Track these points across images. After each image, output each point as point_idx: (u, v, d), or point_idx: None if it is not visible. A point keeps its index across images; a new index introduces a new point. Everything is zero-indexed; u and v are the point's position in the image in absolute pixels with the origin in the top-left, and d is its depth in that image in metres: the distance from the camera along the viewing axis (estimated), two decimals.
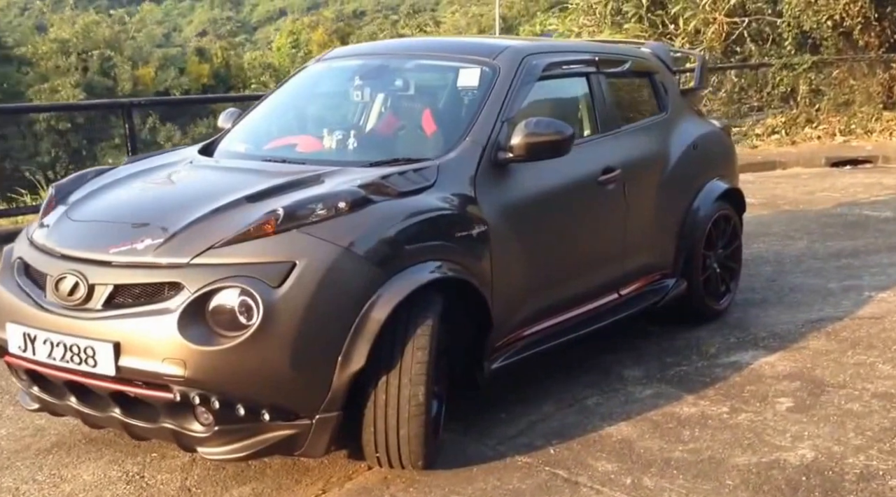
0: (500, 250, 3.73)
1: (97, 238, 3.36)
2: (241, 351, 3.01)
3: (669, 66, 5.27)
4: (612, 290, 4.50)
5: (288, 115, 4.55)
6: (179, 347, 3.01)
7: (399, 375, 3.24)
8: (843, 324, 5.15)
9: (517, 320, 3.91)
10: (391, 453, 3.33)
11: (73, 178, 4.01)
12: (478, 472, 3.47)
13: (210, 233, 3.20)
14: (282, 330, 3.03)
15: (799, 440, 3.70)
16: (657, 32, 14.39)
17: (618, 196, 4.40)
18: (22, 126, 34.40)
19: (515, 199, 3.88)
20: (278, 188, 3.46)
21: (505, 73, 4.08)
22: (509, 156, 3.82)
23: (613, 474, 3.45)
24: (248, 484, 3.43)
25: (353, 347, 3.14)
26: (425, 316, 3.32)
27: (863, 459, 3.53)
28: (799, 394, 4.17)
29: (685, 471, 3.47)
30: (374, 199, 3.35)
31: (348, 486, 3.40)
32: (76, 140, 34.05)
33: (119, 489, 3.40)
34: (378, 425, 3.28)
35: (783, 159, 12.22)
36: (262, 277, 3.06)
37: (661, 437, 3.75)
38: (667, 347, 4.81)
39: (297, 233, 3.17)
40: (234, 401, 3.07)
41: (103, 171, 4.06)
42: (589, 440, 3.74)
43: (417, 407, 3.25)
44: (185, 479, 3.46)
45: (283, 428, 3.16)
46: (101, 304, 3.17)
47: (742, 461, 3.54)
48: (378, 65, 4.60)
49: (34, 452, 3.73)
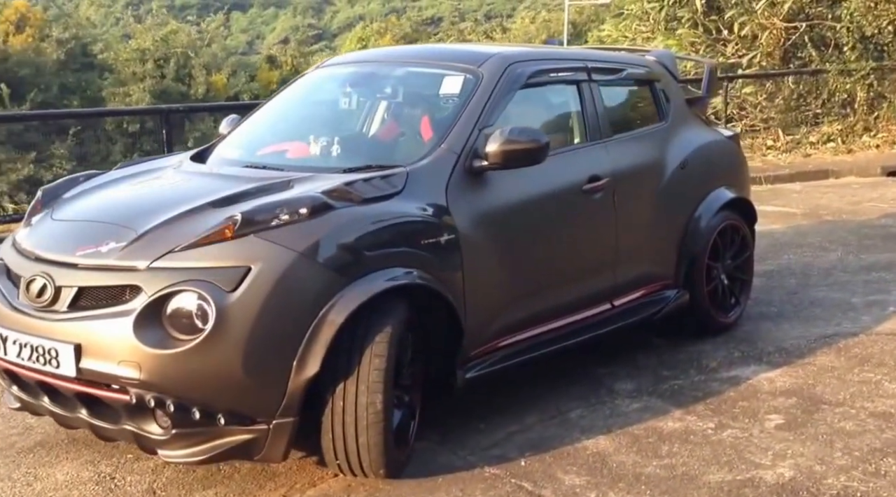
0: (473, 258, 3.69)
1: (67, 241, 3.43)
2: (195, 355, 3.03)
3: (674, 74, 5.17)
4: (603, 301, 4.42)
5: (283, 122, 4.57)
6: (135, 350, 3.04)
7: (356, 382, 3.23)
8: (857, 340, 4.98)
9: (494, 330, 3.86)
10: (351, 461, 3.31)
11: (61, 182, 4.10)
12: (442, 483, 3.44)
13: (171, 237, 3.23)
14: (235, 334, 3.04)
15: (780, 458, 3.59)
16: (711, 38, 14.13)
17: (606, 205, 4.32)
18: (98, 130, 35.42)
19: (491, 208, 3.83)
20: (244, 194, 3.48)
21: (487, 81, 4.04)
22: (484, 164, 3.78)
23: (579, 488, 3.38)
24: (214, 488, 3.45)
25: (308, 353, 3.13)
26: (384, 323, 3.30)
27: (843, 480, 3.40)
28: (792, 411, 4.04)
29: (654, 486, 3.38)
30: (336, 206, 3.34)
31: (310, 492, 3.40)
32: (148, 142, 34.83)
33: (88, 490, 3.45)
34: (336, 432, 3.27)
35: (836, 168, 11.89)
36: (217, 282, 3.08)
37: (638, 452, 3.67)
38: (666, 360, 4.70)
39: (254, 238, 3.18)
40: (190, 404, 3.09)
41: (93, 175, 4.14)
42: (563, 453, 3.67)
43: (375, 415, 3.23)
44: (154, 482, 3.49)
45: (241, 432, 3.17)
46: (67, 305, 3.22)
47: (716, 478, 3.44)
48: (368, 72, 4.61)
49: (17, 451, 3.81)
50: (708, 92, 5.47)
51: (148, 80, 37.64)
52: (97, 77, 33.46)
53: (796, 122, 14.18)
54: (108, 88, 29.11)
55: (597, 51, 5.41)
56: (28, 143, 23.75)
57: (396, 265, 3.42)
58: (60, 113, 15.57)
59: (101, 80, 32.53)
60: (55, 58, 26.00)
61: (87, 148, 35.50)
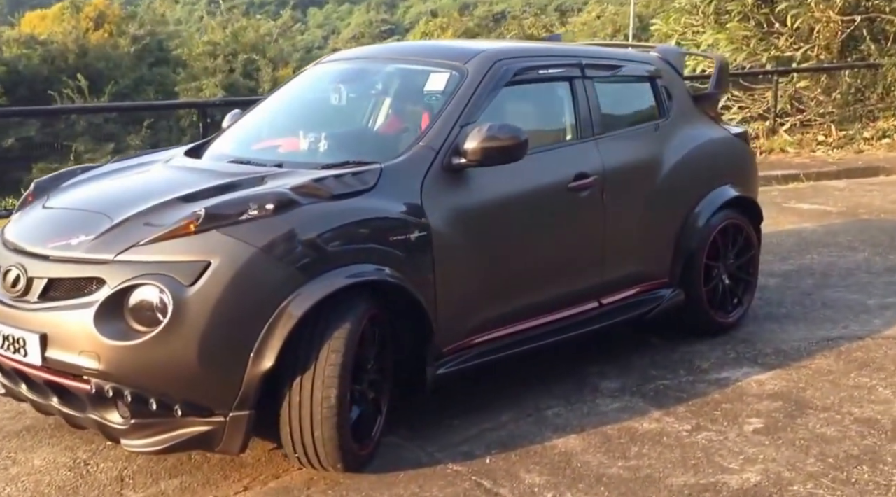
0: (446, 256, 3.69)
1: (42, 233, 3.52)
2: (152, 346, 3.09)
3: (679, 70, 5.08)
4: (590, 299, 4.38)
5: (279, 117, 4.61)
6: (94, 341, 3.12)
7: (313, 377, 3.26)
8: (861, 343, 4.85)
9: (469, 326, 3.86)
10: (309, 454, 3.35)
11: (53, 175, 4.21)
12: (403, 478, 3.45)
13: (137, 231, 3.30)
14: (192, 327, 3.10)
15: (750, 463, 3.53)
16: (763, 31, 13.83)
17: (594, 203, 4.28)
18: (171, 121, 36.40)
19: (469, 205, 3.83)
20: (215, 189, 3.53)
21: (472, 78, 4.03)
22: (463, 161, 3.77)
23: (538, 487, 3.37)
24: (180, 477, 3.51)
25: (264, 347, 3.18)
26: (344, 319, 3.32)
27: (809, 487, 3.33)
28: (775, 415, 3.96)
29: (613, 488, 3.35)
30: (302, 202, 3.37)
31: (272, 484, 3.44)
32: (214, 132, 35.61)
33: (60, 475, 3.55)
34: (293, 425, 3.31)
35: (889, 165, 11.53)
36: (176, 275, 3.13)
37: (606, 453, 3.64)
38: (658, 360, 4.65)
39: (216, 233, 3.23)
40: (147, 395, 3.16)
41: (87, 169, 4.24)
42: (530, 451, 3.66)
43: (330, 409, 3.26)
44: (124, 470, 3.58)
45: (198, 424, 3.23)
46: (38, 296, 3.32)
47: (679, 482, 3.39)
48: (359, 69, 4.64)
49: (3, 435, 3.93)
50: (716, 88, 5.36)
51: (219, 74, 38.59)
52: (171, 71, 34.29)
53: (853, 117, 13.81)
54: (182, 84, 29.83)
55: (595, 47, 5.35)
56: (107, 133, 24.46)
57: (361, 262, 3.44)
58: (98, 107, 15.86)
59: (175, 75, 33.37)
60: (130, 52, 26.66)
61: (160, 138, 36.52)
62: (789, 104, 13.72)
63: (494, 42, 5.96)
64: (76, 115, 16.39)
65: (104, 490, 3.42)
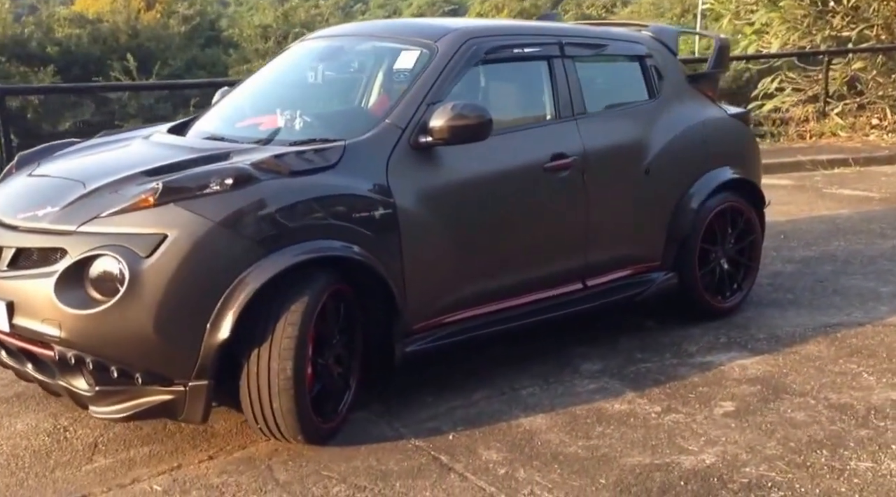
0: (414, 234, 3.73)
1: (14, 204, 3.66)
2: (110, 315, 3.20)
3: (673, 49, 5.02)
4: (573, 280, 4.38)
5: (260, 95, 4.65)
6: (55, 309, 3.24)
7: (269, 349, 3.34)
8: (860, 330, 4.76)
9: (440, 305, 3.90)
10: (270, 425, 3.43)
11: (38, 149, 4.32)
12: (364, 451, 3.52)
13: (100, 204, 3.40)
14: (147, 297, 3.20)
15: (710, 445, 3.51)
16: (817, 10, 13.46)
17: (574, 184, 4.27)
18: None
19: (437, 184, 3.86)
20: (180, 164, 3.62)
21: (441, 56, 4.05)
22: (429, 139, 3.81)
23: (493, 464, 3.40)
24: (151, 445, 3.63)
25: (220, 319, 3.26)
26: (302, 293, 3.39)
27: (762, 470, 3.30)
28: (748, 399, 3.93)
29: (567, 466, 3.37)
30: (261, 178, 3.44)
31: (237, 454, 3.54)
32: None
33: (38, 440, 3.70)
34: (253, 397, 3.40)
35: None
36: (133, 247, 3.23)
37: (570, 432, 3.65)
38: (648, 343, 4.62)
39: (174, 206, 3.31)
40: (108, 363, 3.27)
41: (72, 143, 4.37)
42: (494, 429, 3.69)
43: (286, 381, 3.34)
44: (100, 437, 3.71)
45: (160, 393, 3.34)
46: (7, 264, 3.45)
47: (633, 461, 3.39)
48: (337, 47, 4.68)
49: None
50: (715, 67, 5.27)
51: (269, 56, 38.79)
52: (222, 53, 34.71)
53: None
54: (234, 66, 30.18)
55: (580, 26, 5.28)
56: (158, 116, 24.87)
57: (322, 237, 3.50)
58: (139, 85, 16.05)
59: (227, 56, 33.68)
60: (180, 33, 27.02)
61: None
62: (844, 86, 13.33)
63: (472, 21, 5.95)
64: (127, 95, 16.66)
65: (76, 455, 3.56)
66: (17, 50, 18.35)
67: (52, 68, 17.64)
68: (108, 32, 20.48)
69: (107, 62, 17.26)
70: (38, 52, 18.65)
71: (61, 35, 19.58)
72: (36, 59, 18.34)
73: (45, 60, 18.20)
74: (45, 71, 17.49)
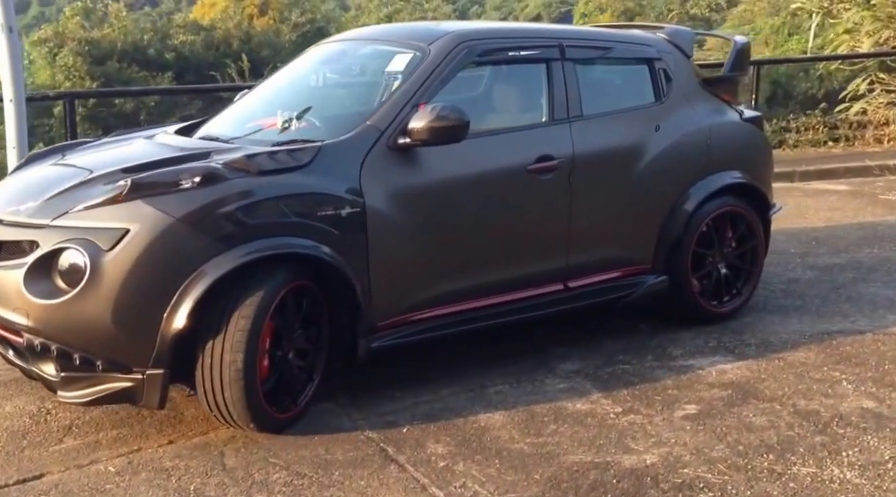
0: (382, 233, 3.82)
1: (6, 199, 3.89)
2: (71, 306, 3.39)
3: (687, 52, 4.97)
4: (553, 281, 4.39)
5: (269, 97, 4.80)
6: (23, 299, 3.45)
7: (223, 341, 3.48)
8: (858, 338, 4.65)
9: (407, 303, 3.97)
10: (223, 413, 3.57)
11: (49, 148, 4.59)
12: (316, 441, 3.62)
13: (75, 199, 3.60)
14: (106, 289, 3.37)
15: (658, 446, 3.50)
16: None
17: (559, 186, 4.28)
18: None
19: (413, 185, 3.94)
20: (157, 162, 3.79)
21: (431, 59, 4.13)
22: (408, 140, 3.89)
23: (434, 457, 3.46)
24: (121, 428, 3.80)
25: (175, 310, 3.41)
26: (258, 287, 3.52)
27: (700, 471, 3.29)
28: (715, 403, 3.89)
29: (508, 461, 3.41)
30: (228, 176, 3.58)
31: (196, 440, 3.68)
32: None
33: (20, 421, 3.90)
34: (206, 386, 3.54)
35: None
36: (97, 240, 3.41)
37: (522, 430, 3.69)
38: (632, 346, 4.60)
39: (140, 203, 3.48)
40: (71, 351, 3.46)
41: (83, 143, 4.60)
42: (450, 424, 3.75)
43: (237, 372, 3.47)
44: (77, 419, 3.90)
45: (119, 380, 3.50)
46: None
47: (574, 459, 3.41)
48: (339, 50, 4.80)
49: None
50: (732, 70, 5.20)
51: None
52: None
53: None
54: None
55: (588, 28, 5.28)
56: None
57: (284, 235, 3.62)
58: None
59: None
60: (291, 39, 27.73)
61: None
62: None
63: (471, 23, 6.00)
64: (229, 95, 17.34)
65: (49, 436, 3.75)
66: (136, 55, 19.14)
67: (170, 74, 18.42)
68: (220, 38, 21.19)
69: (221, 68, 17.87)
70: (155, 57, 19.43)
71: (177, 41, 20.37)
72: (154, 65, 19.14)
73: (162, 66, 19.01)
74: (162, 76, 18.30)
